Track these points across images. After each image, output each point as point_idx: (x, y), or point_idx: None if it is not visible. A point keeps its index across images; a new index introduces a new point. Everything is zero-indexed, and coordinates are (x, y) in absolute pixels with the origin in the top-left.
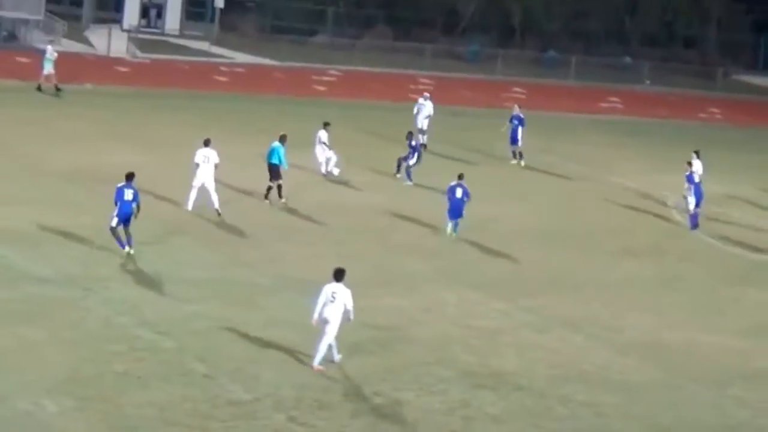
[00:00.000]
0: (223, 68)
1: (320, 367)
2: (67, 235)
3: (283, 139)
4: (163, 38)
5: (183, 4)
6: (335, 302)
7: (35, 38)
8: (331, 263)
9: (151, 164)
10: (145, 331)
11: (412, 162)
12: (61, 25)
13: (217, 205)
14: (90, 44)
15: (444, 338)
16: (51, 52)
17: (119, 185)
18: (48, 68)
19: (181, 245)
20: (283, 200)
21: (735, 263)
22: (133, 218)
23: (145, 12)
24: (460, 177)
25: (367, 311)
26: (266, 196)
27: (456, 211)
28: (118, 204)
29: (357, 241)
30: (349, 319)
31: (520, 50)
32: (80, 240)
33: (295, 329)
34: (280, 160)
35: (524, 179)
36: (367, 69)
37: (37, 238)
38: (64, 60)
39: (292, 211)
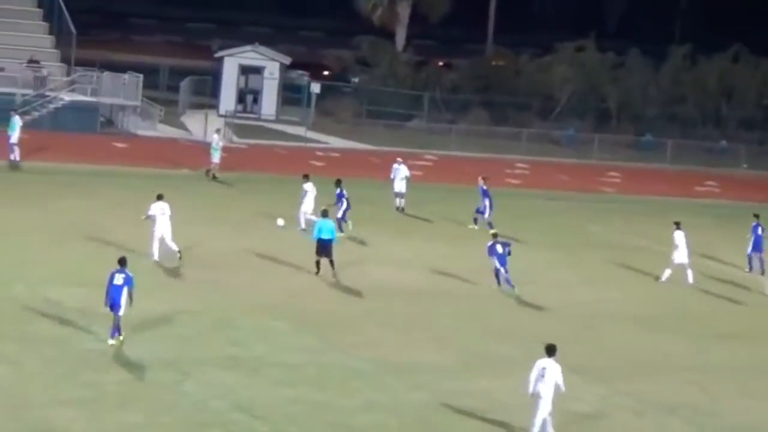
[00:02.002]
0: (319, 153)
1: None
2: (163, 319)
3: (326, 214)
4: (260, 123)
5: (279, 89)
6: (545, 377)
7: (132, 123)
8: (426, 347)
9: (241, 248)
10: (240, 415)
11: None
12: (157, 110)
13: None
14: (186, 129)
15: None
16: (217, 141)
17: (112, 270)
18: (216, 157)
19: (278, 329)
20: (322, 275)
21: None
22: (128, 306)
23: (241, 97)
24: (495, 236)
25: (461, 395)
26: (317, 271)
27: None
28: (108, 289)
29: (450, 326)
30: (561, 392)
31: (616, 134)
32: (177, 324)
33: (391, 413)
34: (332, 236)
35: (617, 262)
36: (463, 153)
37: (136, 323)
38: (158, 144)
39: (387, 295)
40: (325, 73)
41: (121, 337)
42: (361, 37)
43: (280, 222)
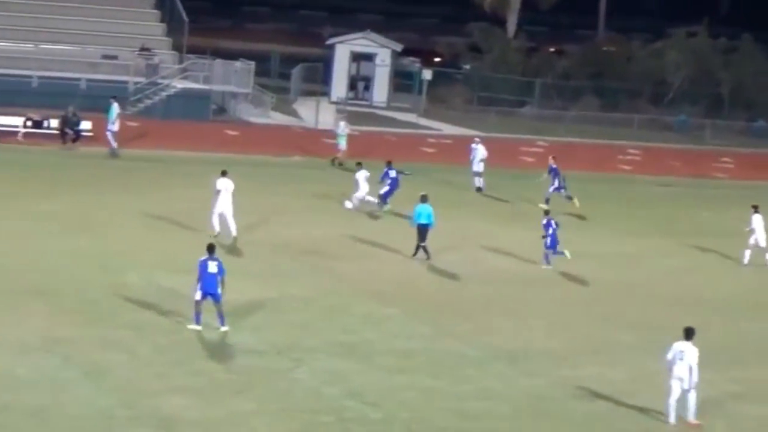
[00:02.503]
0: (430, 140)
1: (695, 421)
2: (275, 306)
3: (425, 199)
4: (371, 110)
5: (390, 76)
6: (683, 360)
7: (244, 111)
8: (538, 333)
9: (352, 234)
10: (353, 402)
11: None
12: (269, 97)
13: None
14: (298, 116)
15: (653, 409)
16: (343, 128)
17: (202, 258)
18: (342, 143)
19: (390, 316)
20: (427, 259)
21: None
22: (220, 292)
23: (353, 84)
24: (547, 212)
25: (575, 381)
26: (415, 254)
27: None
28: (202, 278)
29: (564, 312)
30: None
31: (729, 120)
32: (289, 311)
33: (504, 400)
34: (429, 221)
35: (728, 249)
36: (575, 140)
37: (247, 310)
38: (270, 132)
39: (498, 281)
40: (437, 59)
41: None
42: (472, 24)
43: (348, 204)
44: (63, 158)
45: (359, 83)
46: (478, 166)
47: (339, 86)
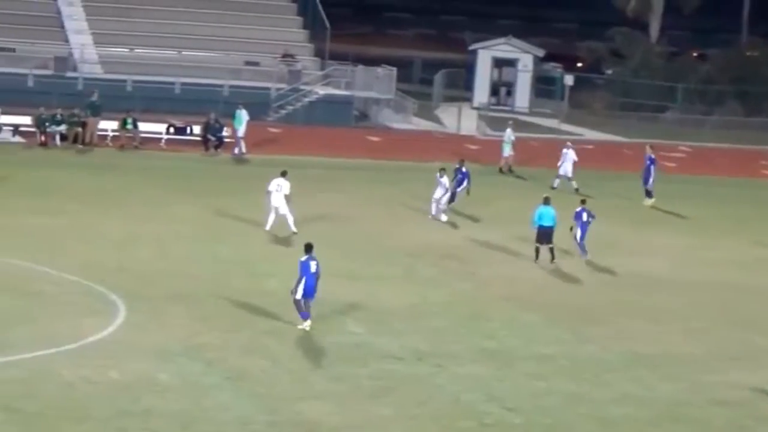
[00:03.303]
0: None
1: None
2: (416, 311)
3: (548, 201)
4: (513, 116)
5: (532, 81)
6: None
7: (386, 117)
8: (678, 338)
9: (494, 239)
10: (493, 407)
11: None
12: (411, 103)
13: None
14: (440, 122)
15: None
16: (509, 135)
17: (302, 259)
18: (507, 151)
19: (529, 322)
20: (541, 263)
21: None
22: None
23: (495, 90)
24: (584, 202)
25: (715, 387)
26: (536, 258)
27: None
28: (305, 278)
29: (701, 316)
30: None
31: None
32: (429, 316)
33: (644, 405)
34: (552, 224)
35: None
36: (717, 145)
37: (387, 315)
38: (413, 139)
39: (636, 286)
40: (578, 65)
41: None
42: (614, 29)
43: (444, 218)
44: (205, 164)
45: (501, 89)
46: (567, 170)
47: (481, 92)
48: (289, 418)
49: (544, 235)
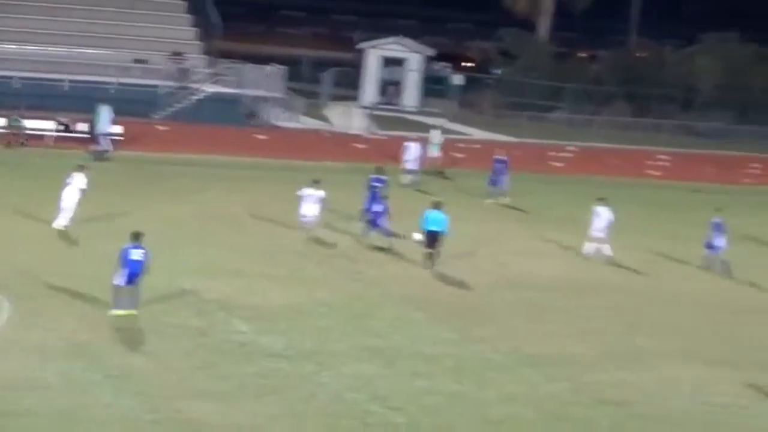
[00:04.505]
0: (460, 145)
1: None
2: (302, 309)
3: (438, 206)
4: (401, 115)
5: (422, 81)
6: None
7: (274, 115)
8: (564, 339)
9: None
10: (377, 407)
11: None
12: (300, 102)
13: None
14: (328, 121)
15: (678, 415)
16: (437, 135)
17: (127, 246)
18: (434, 152)
19: (415, 321)
20: (432, 268)
21: None
22: (140, 278)
23: (383, 89)
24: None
25: (599, 386)
26: (426, 263)
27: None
28: (125, 265)
29: (590, 317)
30: None
31: (760, 126)
32: (316, 315)
33: (529, 405)
34: (443, 227)
35: (760, 255)
36: (604, 145)
37: (273, 313)
38: (302, 137)
39: (523, 286)
40: (468, 65)
41: (135, 312)
42: (504, 29)
43: (417, 236)
44: (94, 162)
45: (390, 88)
46: (414, 165)
47: (370, 91)
48: (172, 417)
49: (433, 239)
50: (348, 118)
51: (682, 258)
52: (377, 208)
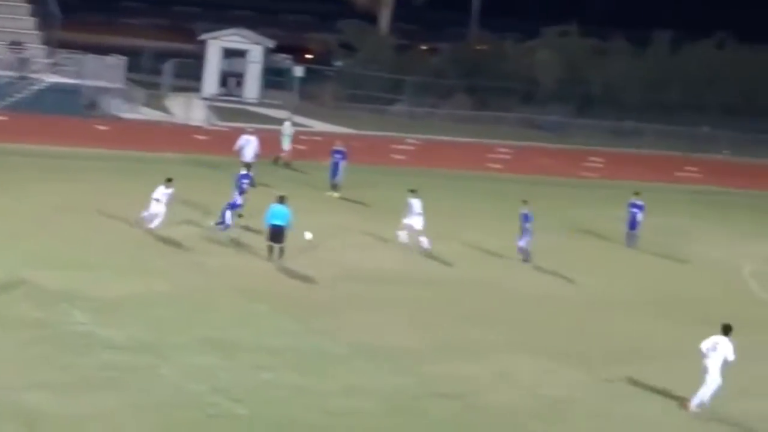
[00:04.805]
0: (301, 137)
1: (696, 409)
2: (143, 301)
3: (283, 200)
4: (242, 106)
5: (262, 72)
6: (716, 352)
7: (115, 106)
8: (405, 331)
9: (224, 232)
10: (219, 398)
11: None
12: (140, 93)
13: None
14: (169, 112)
15: (514, 407)
16: (288, 127)
17: None
18: (287, 144)
19: (256, 313)
20: (274, 261)
21: None
22: None
23: (224, 80)
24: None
25: (438, 379)
26: (270, 257)
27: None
28: None
29: (428, 309)
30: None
31: (599, 119)
32: (156, 307)
33: (370, 397)
34: (286, 221)
35: (600, 248)
36: (445, 138)
37: (113, 305)
38: (142, 128)
39: (363, 279)
40: (309, 56)
41: None
42: (344, 21)
43: (308, 235)
44: None
45: (230, 79)
46: (249, 155)
47: (210, 82)
48: (10, 408)
49: (276, 233)
50: (189, 110)
51: (508, 250)
52: (240, 202)
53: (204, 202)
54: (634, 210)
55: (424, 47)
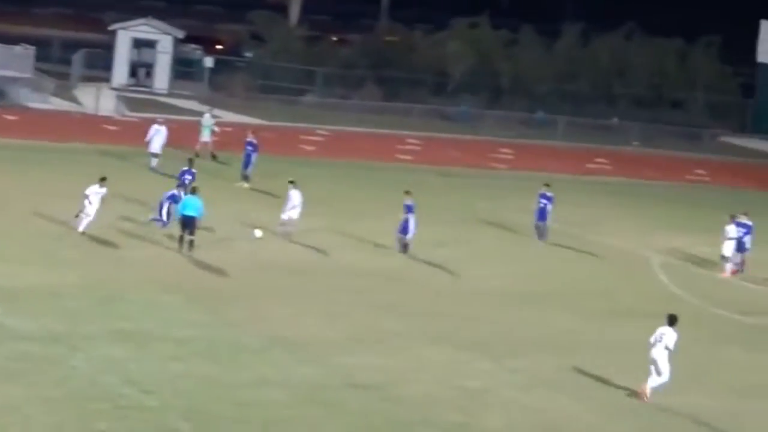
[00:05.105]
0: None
1: (647, 393)
2: (54, 292)
3: (195, 191)
4: (152, 97)
5: (172, 63)
6: (661, 342)
7: (24, 96)
8: (316, 322)
9: (135, 223)
10: (129, 390)
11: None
12: (49, 83)
13: None
14: (78, 102)
15: (428, 398)
16: (208, 119)
17: None
18: (206, 136)
19: (168, 304)
20: (185, 252)
21: (720, 325)
22: None
23: (134, 71)
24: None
25: (351, 370)
26: (180, 248)
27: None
28: None
29: (341, 301)
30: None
31: (509, 111)
32: (67, 298)
33: (281, 388)
34: (198, 212)
35: (508, 239)
36: (355, 129)
37: (24, 295)
38: (51, 118)
39: (275, 270)
40: (219, 47)
41: None
42: (255, 12)
43: (258, 233)
44: None
45: (140, 69)
46: (156, 147)
47: (120, 72)
48: None
49: (187, 224)
50: (99, 100)
51: (427, 242)
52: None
53: (114, 192)
54: (544, 201)
55: (334, 38)
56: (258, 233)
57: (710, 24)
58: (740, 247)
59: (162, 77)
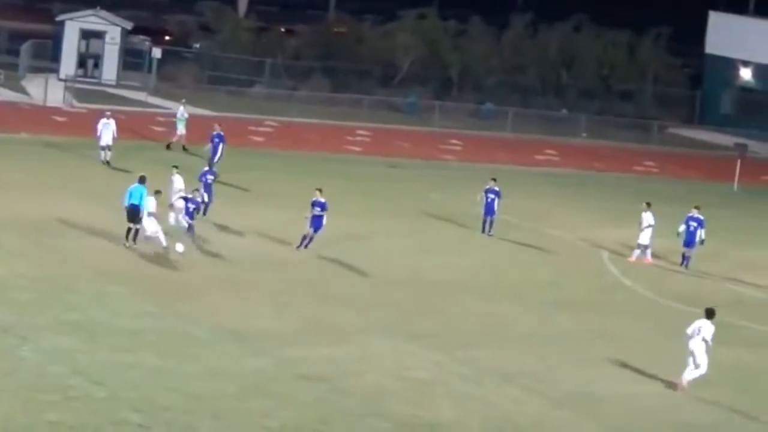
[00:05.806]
0: (160, 118)
1: (684, 385)
2: (3, 284)
3: (143, 180)
4: (100, 88)
5: (120, 54)
6: (699, 335)
7: None
8: (265, 314)
9: (84, 214)
10: (78, 380)
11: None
12: None
13: None
14: (26, 93)
15: (378, 389)
16: (182, 112)
17: None
18: (180, 129)
19: (117, 295)
20: (130, 245)
21: (670, 317)
22: None
23: (82, 62)
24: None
25: (301, 362)
26: (127, 239)
27: None
28: None
29: (290, 292)
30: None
31: (458, 102)
32: (15, 289)
33: (230, 380)
34: (140, 202)
35: (457, 231)
36: (304, 120)
37: None
38: None
39: (225, 262)
40: (167, 38)
41: None
42: (203, 3)
43: (180, 247)
44: None
45: (88, 60)
46: (107, 140)
47: (68, 63)
48: None
49: (133, 213)
50: (47, 91)
51: (378, 233)
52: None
53: (61, 184)
54: (491, 196)
55: (282, 29)
56: (180, 247)
57: (659, 16)
58: (691, 241)
59: (110, 68)
